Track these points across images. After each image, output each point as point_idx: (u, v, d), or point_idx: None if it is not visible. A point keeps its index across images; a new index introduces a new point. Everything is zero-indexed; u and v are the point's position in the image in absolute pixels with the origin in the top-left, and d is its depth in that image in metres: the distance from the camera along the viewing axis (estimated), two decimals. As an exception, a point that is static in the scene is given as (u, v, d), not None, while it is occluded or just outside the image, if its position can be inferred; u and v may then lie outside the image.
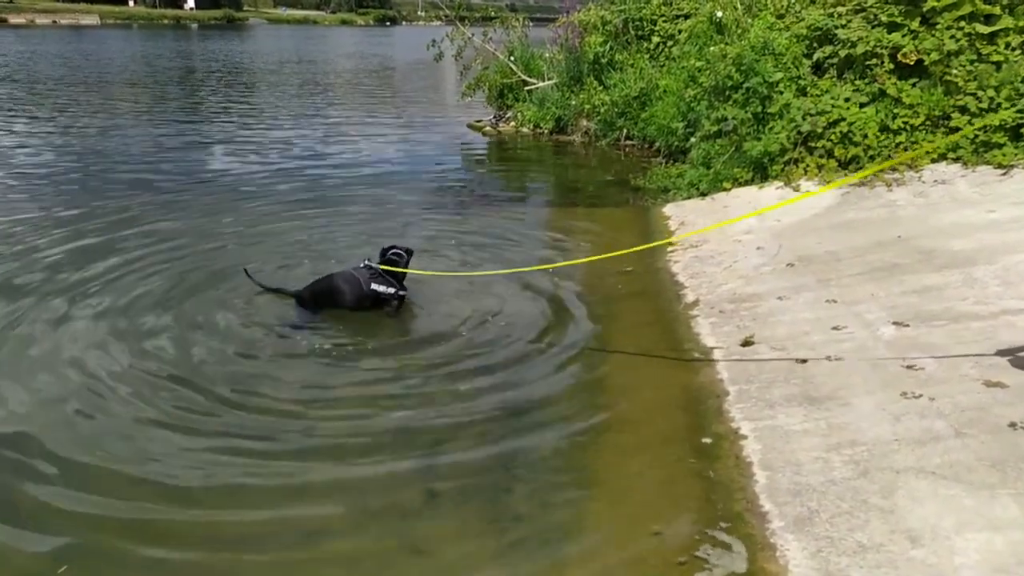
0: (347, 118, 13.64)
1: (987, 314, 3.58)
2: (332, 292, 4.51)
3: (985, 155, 5.67)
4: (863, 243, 4.82)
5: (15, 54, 27.23)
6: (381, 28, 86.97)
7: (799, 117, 6.51)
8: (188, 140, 10.75)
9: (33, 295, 4.67)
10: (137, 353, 3.98)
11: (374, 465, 3.09)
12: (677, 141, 8.49)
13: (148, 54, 30.48)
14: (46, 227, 6.17)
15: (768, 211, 5.60)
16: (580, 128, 10.78)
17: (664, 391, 3.65)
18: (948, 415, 2.87)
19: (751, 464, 2.90)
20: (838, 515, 2.50)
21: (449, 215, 6.94)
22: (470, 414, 3.47)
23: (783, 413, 3.18)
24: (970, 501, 2.41)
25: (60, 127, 11.60)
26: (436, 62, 12.29)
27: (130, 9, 78.37)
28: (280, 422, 3.38)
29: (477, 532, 2.67)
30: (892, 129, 6.16)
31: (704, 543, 2.55)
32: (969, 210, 4.99)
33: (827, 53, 6.85)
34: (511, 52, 11.85)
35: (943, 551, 2.25)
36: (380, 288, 4.47)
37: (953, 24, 6.17)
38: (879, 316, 3.81)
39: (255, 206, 7.04)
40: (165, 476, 2.98)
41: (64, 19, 62.93)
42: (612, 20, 10.55)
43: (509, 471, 3.02)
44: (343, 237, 6.06)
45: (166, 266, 5.23)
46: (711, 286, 4.78)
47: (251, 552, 2.62)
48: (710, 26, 8.91)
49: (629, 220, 6.77)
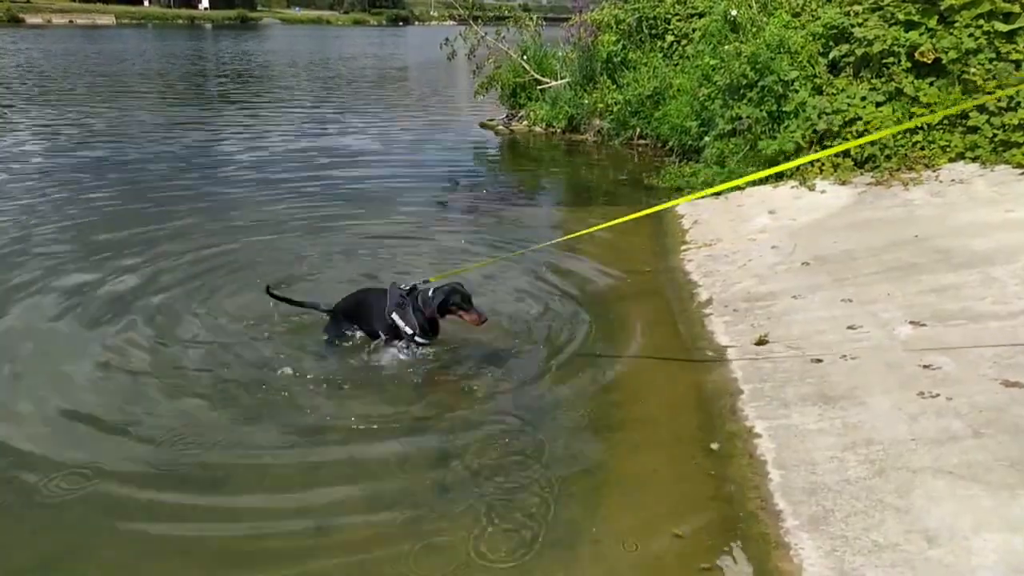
0: (359, 116, 13.70)
1: (1005, 314, 3.54)
2: (359, 305, 4.14)
3: (1004, 154, 5.62)
4: (879, 242, 4.79)
5: (39, 52, 27.54)
6: (394, 28, 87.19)
7: (815, 116, 6.48)
8: (203, 137, 10.84)
9: (35, 298, 4.71)
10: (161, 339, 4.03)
11: (386, 461, 3.10)
12: (691, 140, 8.46)
13: (168, 53, 30.77)
14: (52, 230, 6.24)
15: (784, 210, 5.57)
16: (593, 127, 10.77)
17: (677, 390, 3.64)
18: (966, 415, 2.84)
19: (765, 463, 2.88)
20: (853, 514, 2.48)
21: (460, 215, 6.96)
22: (483, 412, 3.48)
23: (798, 412, 3.16)
24: (988, 501, 2.39)
25: (86, 127, 11.74)
26: (449, 61, 12.31)
27: (145, 9, 79.10)
28: (290, 413, 3.41)
29: (490, 530, 2.67)
30: (909, 128, 6.11)
31: (718, 542, 2.54)
32: (987, 209, 4.93)
33: (843, 51, 6.80)
34: (524, 51, 11.86)
35: (960, 551, 2.23)
36: (398, 320, 3.94)
37: (971, 22, 6.11)
38: (895, 315, 3.78)
39: (263, 203, 7.11)
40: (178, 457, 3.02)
41: (80, 19, 63.54)
42: (626, 19, 10.53)
43: (523, 469, 3.02)
44: (345, 237, 6.06)
45: (181, 265, 5.29)
46: (725, 285, 4.76)
47: (267, 538, 2.65)
48: (724, 24, 8.86)
49: (642, 219, 6.71)
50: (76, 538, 2.63)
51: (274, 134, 11.34)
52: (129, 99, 15.78)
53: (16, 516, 2.73)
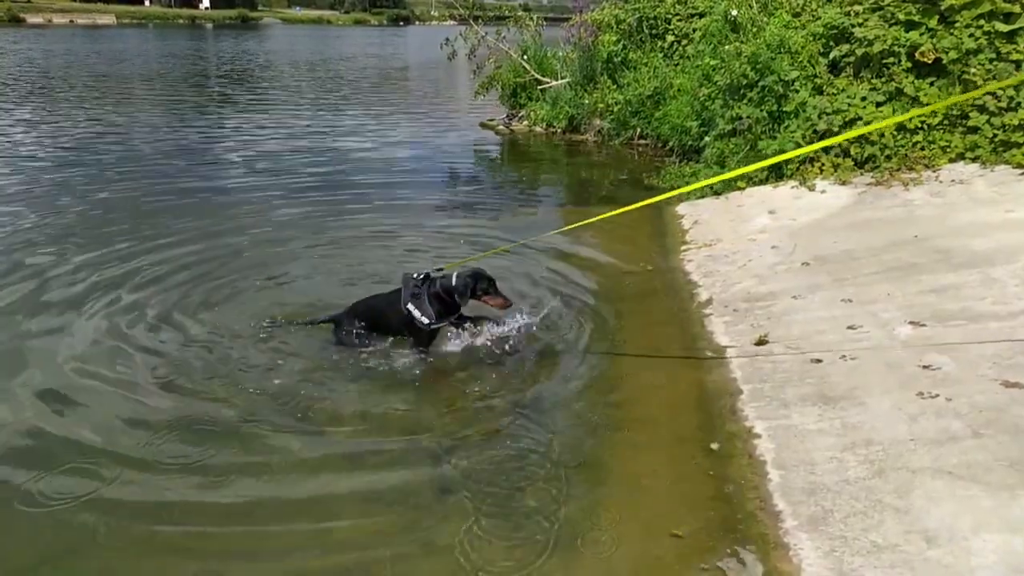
0: (359, 116, 13.69)
1: (1005, 314, 3.54)
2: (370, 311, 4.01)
3: (1004, 154, 5.61)
4: (879, 242, 4.78)
5: (40, 52, 27.54)
6: (395, 28, 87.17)
7: (815, 116, 6.47)
8: (202, 137, 10.85)
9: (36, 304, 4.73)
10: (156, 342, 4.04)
11: (386, 461, 3.10)
12: (691, 140, 8.46)
13: (168, 53, 30.76)
14: (54, 235, 6.23)
15: (784, 210, 5.57)
16: (593, 127, 10.77)
17: (677, 390, 3.64)
18: (965, 415, 2.84)
19: (765, 463, 2.88)
20: (853, 515, 2.48)
21: (460, 214, 6.95)
22: (483, 411, 3.48)
23: (797, 412, 3.16)
24: (988, 502, 2.38)
25: (90, 125, 11.74)
26: (449, 61, 12.31)
27: (146, 9, 79.09)
28: (289, 413, 3.41)
29: (489, 530, 2.67)
30: (909, 128, 6.11)
31: (717, 542, 2.53)
32: (987, 209, 4.93)
33: (844, 52, 6.80)
34: (524, 51, 11.86)
35: (960, 552, 2.23)
36: (414, 311, 3.80)
37: (972, 22, 6.11)
38: (895, 316, 3.78)
39: (263, 202, 7.11)
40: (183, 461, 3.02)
41: (81, 19, 63.54)
42: (626, 19, 10.54)
43: (522, 469, 3.02)
44: (345, 237, 6.05)
45: (181, 268, 5.29)
46: (725, 285, 4.76)
47: (265, 537, 2.66)
48: (725, 24, 8.86)
49: (642, 219, 6.73)
50: (76, 538, 2.62)
51: (274, 134, 11.34)
52: (129, 99, 15.79)
53: (16, 515, 2.73)
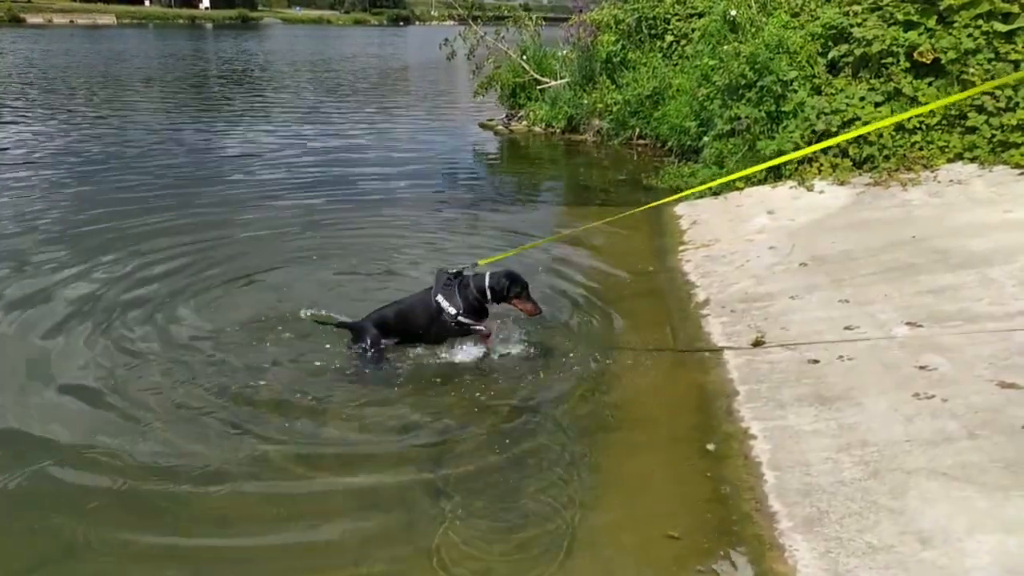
0: (359, 116, 13.70)
1: (1002, 315, 3.54)
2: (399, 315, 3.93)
3: (1002, 155, 5.61)
4: (877, 243, 4.78)
5: (40, 52, 27.54)
6: (394, 28, 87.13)
7: (813, 116, 6.47)
8: (202, 136, 10.85)
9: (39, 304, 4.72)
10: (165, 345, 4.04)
11: (381, 463, 3.10)
12: (690, 140, 8.47)
13: (169, 53, 30.76)
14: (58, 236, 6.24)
15: (783, 210, 5.57)
16: (592, 127, 10.77)
17: (674, 390, 3.64)
18: (961, 416, 2.84)
19: (760, 464, 2.88)
20: (848, 516, 2.48)
21: (459, 214, 6.95)
22: (478, 413, 3.47)
23: (793, 413, 3.16)
24: (983, 503, 2.38)
25: (91, 125, 11.74)
26: (448, 61, 12.32)
27: (146, 9, 79.03)
28: (287, 414, 3.41)
29: (485, 531, 2.67)
30: (907, 128, 6.11)
31: (713, 544, 2.53)
32: (985, 210, 4.93)
33: (842, 52, 6.80)
34: (524, 51, 11.86)
35: (954, 553, 2.23)
36: (443, 302, 3.76)
37: (970, 22, 6.10)
38: (892, 316, 3.78)
39: (262, 201, 7.12)
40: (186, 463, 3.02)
41: (81, 19, 63.50)
42: (625, 19, 10.53)
43: (518, 470, 3.02)
44: (344, 236, 6.05)
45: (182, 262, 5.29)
46: (722, 285, 4.76)
47: (265, 537, 2.66)
48: (724, 25, 8.86)
49: (640, 219, 6.72)
50: (74, 539, 2.62)
51: (273, 133, 11.35)
52: (129, 98, 15.78)
53: (15, 517, 2.73)
